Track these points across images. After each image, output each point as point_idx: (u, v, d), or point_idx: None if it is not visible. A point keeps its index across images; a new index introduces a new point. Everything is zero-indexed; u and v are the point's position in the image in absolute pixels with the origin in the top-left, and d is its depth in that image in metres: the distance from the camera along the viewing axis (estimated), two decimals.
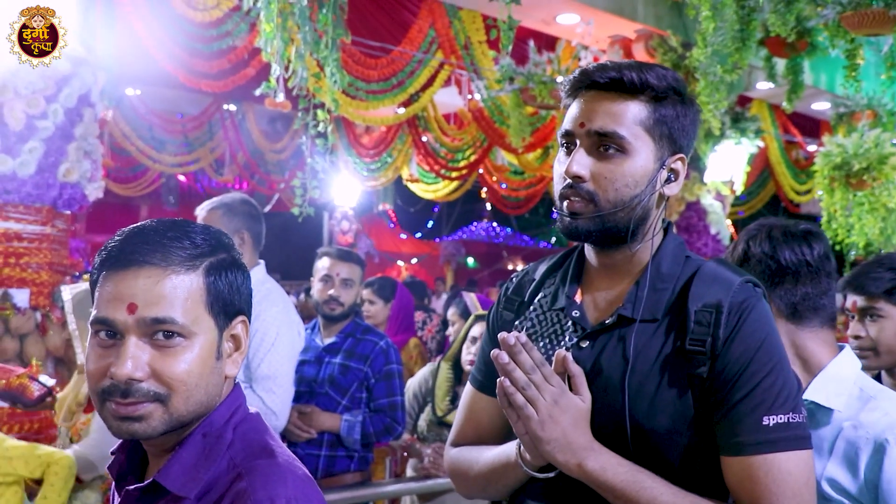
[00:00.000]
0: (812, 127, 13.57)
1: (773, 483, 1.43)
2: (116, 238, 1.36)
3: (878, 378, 2.65)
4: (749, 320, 1.50)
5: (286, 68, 5.75)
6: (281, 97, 5.98)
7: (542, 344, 1.67)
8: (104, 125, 9.82)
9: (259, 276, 3.61)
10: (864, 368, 2.62)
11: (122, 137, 12.16)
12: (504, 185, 15.19)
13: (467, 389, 1.82)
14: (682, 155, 1.62)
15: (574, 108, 1.60)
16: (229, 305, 1.39)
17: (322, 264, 4.08)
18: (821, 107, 12.08)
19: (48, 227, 5.17)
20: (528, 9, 8.09)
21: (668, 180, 1.61)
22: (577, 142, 1.57)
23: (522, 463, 1.57)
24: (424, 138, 12.20)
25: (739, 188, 9.96)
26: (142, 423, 1.29)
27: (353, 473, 3.96)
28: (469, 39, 8.76)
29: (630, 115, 1.55)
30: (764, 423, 1.45)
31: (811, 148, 13.09)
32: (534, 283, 1.78)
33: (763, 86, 10.41)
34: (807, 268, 2.01)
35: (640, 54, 9.08)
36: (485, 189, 16.13)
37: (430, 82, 9.25)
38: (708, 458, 1.51)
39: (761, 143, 10.27)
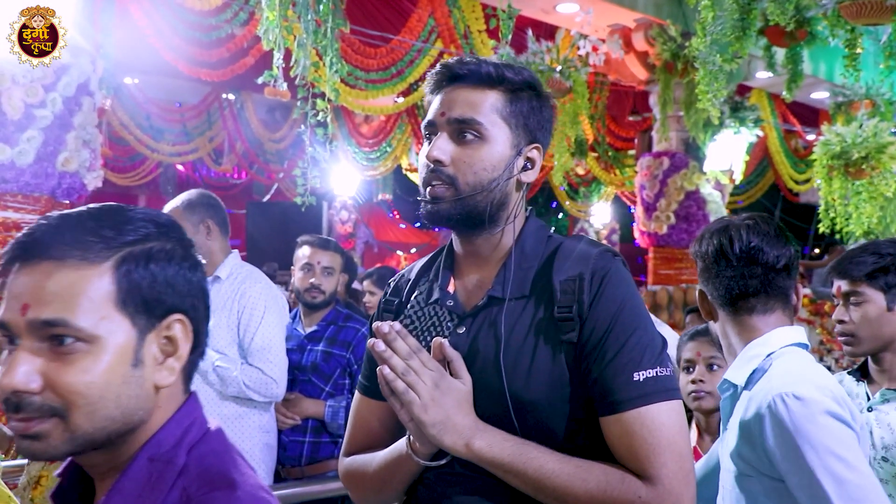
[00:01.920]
0: (811, 116, 13.57)
1: (650, 434, 1.48)
2: (30, 226, 1.17)
3: (864, 365, 2.67)
4: (609, 285, 1.57)
5: (287, 58, 5.75)
6: (284, 86, 5.99)
7: (423, 338, 1.69)
8: (102, 114, 9.80)
9: (236, 260, 3.81)
10: (849, 355, 2.64)
11: (121, 126, 12.16)
12: None
13: (356, 397, 1.84)
14: (537, 145, 1.70)
15: (436, 101, 1.69)
16: (154, 303, 1.18)
17: (303, 252, 4.12)
18: (820, 96, 12.07)
19: None
20: None
21: (525, 168, 1.68)
22: (439, 131, 1.65)
23: (414, 453, 1.61)
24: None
25: (738, 177, 9.96)
26: (40, 441, 1.11)
27: (338, 459, 3.99)
28: (468, 28, 8.74)
29: (488, 104, 1.64)
30: (635, 378, 1.51)
31: (810, 137, 13.09)
32: (410, 283, 1.84)
33: (762, 75, 10.40)
34: (703, 261, 2.07)
35: (639, 43, 9.07)
36: None
37: (429, 71, 9.23)
38: (590, 424, 1.56)
39: (760, 133, 10.27)
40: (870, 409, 2.54)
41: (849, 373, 2.72)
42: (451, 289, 1.72)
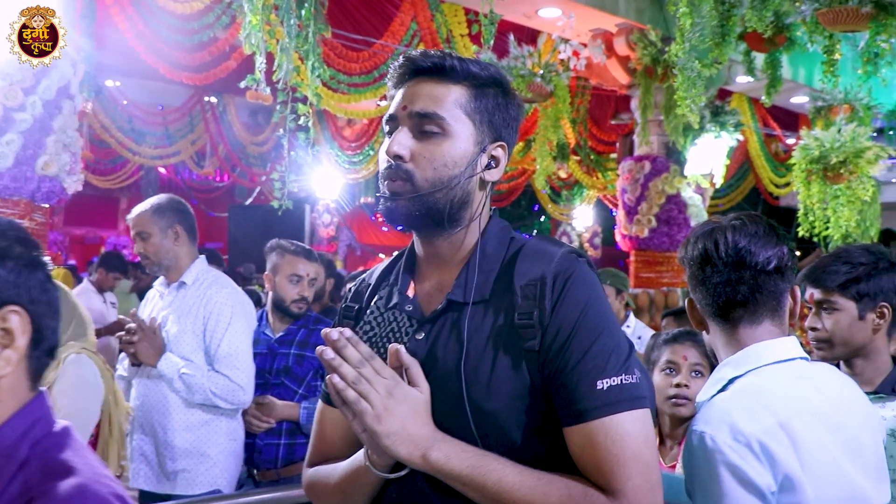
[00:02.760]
0: (791, 120, 13.66)
1: (613, 445, 1.42)
2: None
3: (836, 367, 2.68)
4: (571, 288, 1.50)
5: (270, 61, 5.75)
6: (267, 90, 5.99)
7: (382, 345, 1.62)
8: (83, 117, 9.77)
9: (202, 266, 3.80)
10: (821, 360, 2.58)
11: (102, 129, 12.12)
12: None
13: (319, 406, 1.80)
14: (502, 143, 1.64)
15: (399, 94, 1.62)
16: None
17: (289, 262, 4.09)
18: (800, 100, 12.15)
19: (26, 221, 5.15)
20: (510, 2, 8.12)
21: (488, 166, 1.62)
22: (400, 125, 1.59)
23: (372, 465, 1.53)
24: None
25: (719, 181, 10.00)
26: None
27: None
28: (451, 33, 8.76)
29: (451, 99, 1.58)
30: (598, 387, 1.44)
31: (790, 141, 13.18)
32: (370, 288, 1.77)
33: (742, 79, 10.46)
34: (690, 267, 1.97)
35: (620, 48, 9.11)
36: None
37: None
38: (554, 434, 1.49)
39: (741, 137, 10.32)
40: None
41: None
42: (410, 293, 1.66)
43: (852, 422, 1.82)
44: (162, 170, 16.67)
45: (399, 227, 1.62)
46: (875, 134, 10.10)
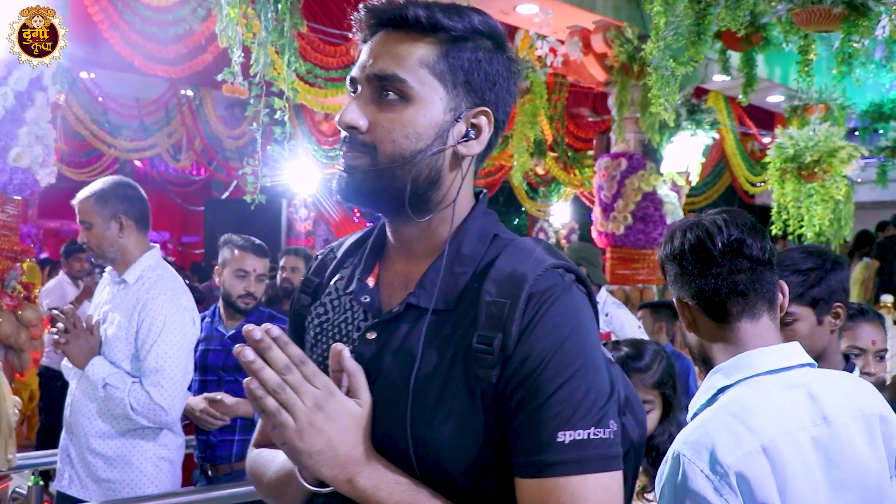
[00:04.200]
0: (767, 119, 13.74)
1: None
2: None
3: None
4: (550, 313, 1.25)
5: (247, 54, 5.73)
6: (245, 84, 5.96)
7: (333, 336, 1.43)
8: (57, 109, 9.68)
9: (151, 261, 3.49)
10: None
11: (77, 122, 12.01)
12: None
13: None
14: (485, 108, 1.37)
15: (363, 52, 1.37)
16: None
17: (236, 257, 4.04)
18: (775, 99, 12.22)
19: None
20: None
21: (466, 137, 1.36)
22: (360, 89, 1.36)
23: (299, 475, 1.34)
24: None
25: (695, 179, 10.06)
26: None
27: None
28: None
29: (415, 57, 1.31)
30: (559, 439, 1.20)
31: (766, 140, 13.26)
32: (335, 262, 1.54)
33: (719, 78, 10.51)
34: (679, 263, 1.86)
35: (598, 45, 9.12)
36: None
37: None
38: (504, 479, 1.27)
39: (717, 135, 10.38)
40: None
41: None
42: (371, 281, 1.43)
43: (847, 435, 1.72)
44: (138, 163, 16.55)
45: (356, 207, 1.39)
46: (849, 134, 10.19)
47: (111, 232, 3.41)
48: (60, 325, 3.32)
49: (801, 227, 8.06)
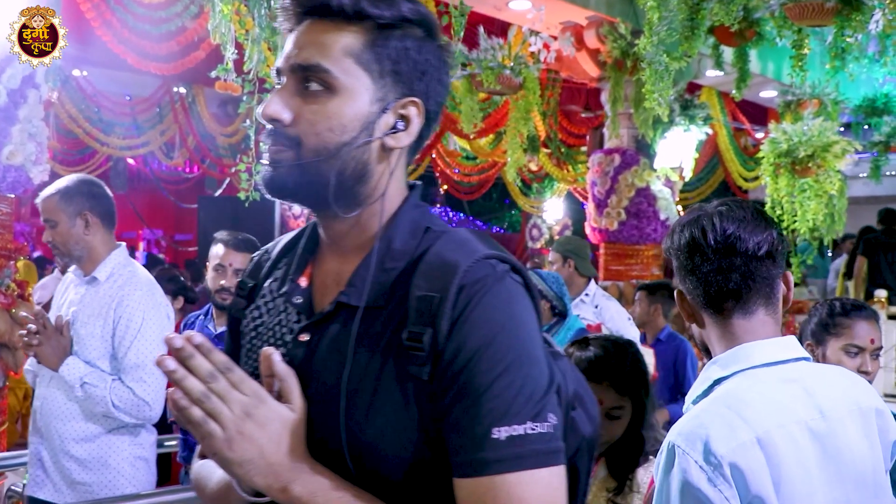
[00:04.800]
0: (760, 114, 13.75)
1: None
2: None
3: None
4: (479, 305, 1.20)
5: (240, 51, 5.72)
6: (238, 81, 5.95)
7: (267, 340, 1.39)
8: (49, 107, 9.66)
9: (120, 258, 3.45)
10: None
11: (69, 119, 11.98)
12: (457, 171, 15.21)
13: None
14: (414, 99, 1.32)
15: (287, 44, 1.32)
16: None
17: (216, 252, 4.00)
18: (769, 95, 12.24)
19: None
20: None
21: (395, 129, 1.31)
22: (285, 80, 1.31)
23: (237, 486, 1.29)
24: None
25: (688, 174, 10.07)
26: None
27: None
28: None
29: (340, 46, 1.27)
30: (494, 435, 1.15)
31: (759, 135, 13.27)
32: (270, 263, 1.50)
33: (712, 73, 10.51)
34: (677, 257, 1.86)
35: (591, 41, 9.13)
36: (437, 174, 16.16)
37: None
38: (445, 480, 1.21)
39: (710, 130, 10.38)
40: None
41: None
42: (303, 281, 1.38)
43: (843, 429, 1.71)
44: (131, 161, 16.52)
45: (281, 202, 1.34)
46: (842, 128, 10.21)
47: (77, 229, 3.35)
48: (32, 326, 3.26)
49: (795, 222, 8.07)
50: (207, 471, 1.42)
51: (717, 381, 1.78)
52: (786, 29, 6.79)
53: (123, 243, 3.53)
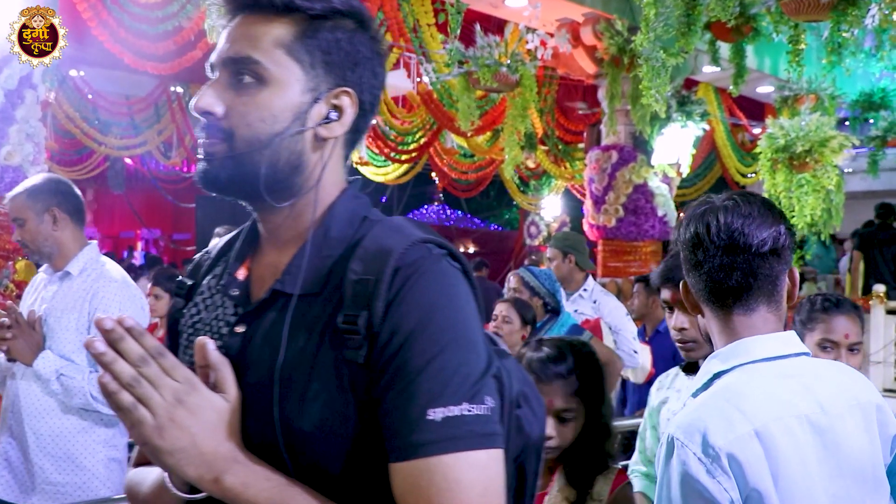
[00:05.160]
0: (757, 110, 13.77)
1: (438, 495, 1.12)
2: None
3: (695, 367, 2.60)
4: (414, 286, 1.19)
5: None
6: None
7: (204, 333, 1.36)
8: (47, 107, 9.67)
9: (91, 254, 3.43)
10: (689, 359, 2.56)
11: (66, 120, 11.98)
12: (454, 168, 15.22)
13: None
14: (347, 89, 1.31)
15: (220, 39, 1.32)
16: None
17: (213, 244, 4.01)
18: (765, 90, 12.25)
19: None
20: None
21: (328, 119, 1.30)
22: (217, 73, 1.31)
23: (168, 482, 1.24)
24: (374, 121, 12.16)
25: (686, 171, 10.09)
26: None
27: None
28: (418, 22, 8.75)
29: (270, 38, 1.27)
30: (429, 417, 1.13)
31: (756, 131, 13.29)
32: (210, 261, 1.49)
33: (709, 69, 10.53)
34: (683, 250, 1.85)
35: (587, 38, 9.14)
36: (435, 172, 16.17)
37: None
38: (385, 477, 1.18)
39: (707, 126, 10.40)
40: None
41: (682, 367, 2.68)
42: (241, 274, 1.37)
43: (843, 424, 1.70)
44: (128, 161, 16.52)
45: (217, 195, 1.31)
46: (839, 123, 10.23)
47: (45, 226, 3.34)
48: (5, 320, 3.22)
49: (793, 217, 8.08)
50: (141, 477, 1.39)
51: (717, 375, 1.79)
52: (782, 24, 6.80)
53: (95, 241, 3.54)
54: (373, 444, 1.18)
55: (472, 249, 23.95)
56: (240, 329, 1.29)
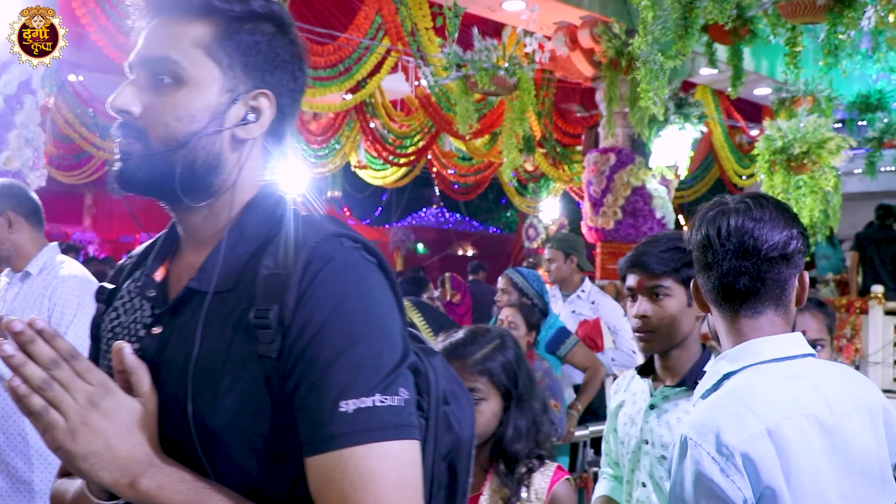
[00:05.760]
0: (754, 112, 13.78)
1: (352, 487, 1.10)
2: None
3: (650, 361, 2.60)
4: (325, 279, 1.18)
5: None
6: None
7: (122, 337, 1.33)
8: (46, 112, 9.67)
9: (51, 254, 3.46)
10: (644, 352, 2.55)
11: (65, 124, 11.98)
12: (452, 171, 15.23)
13: None
14: (265, 91, 1.32)
15: (140, 40, 1.31)
16: None
17: None
18: (763, 92, 12.26)
19: None
20: None
21: (245, 121, 1.30)
22: (135, 73, 1.30)
23: (87, 490, 1.23)
24: (372, 125, 12.20)
25: (684, 173, 10.09)
26: None
27: None
28: (415, 26, 8.78)
29: (189, 38, 1.27)
30: (341, 409, 1.11)
31: (754, 133, 13.30)
32: (130, 266, 1.46)
33: (706, 71, 10.55)
34: (694, 251, 1.87)
35: (585, 41, 9.16)
36: (433, 175, 16.19)
37: (377, 69, 9.26)
38: (300, 466, 1.17)
39: (705, 129, 10.41)
40: (652, 407, 2.50)
41: (637, 370, 2.65)
42: (158, 275, 1.36)
43: (850, 424, 1.72)
44: None
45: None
46: (836, 125, 10.24)
47: (1, 230, 3.36)
48: None
49: None
50: (65, 487, 1.35)
51: (727, 376, 1.80)
52: (779, 26, 6.81)
53: (55, 242, 3.54)
54: (292, 442, 1.16)
55: (470, 252, 23.97)
56: (156, 330, 1.28)
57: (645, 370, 2.61)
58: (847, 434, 1.71)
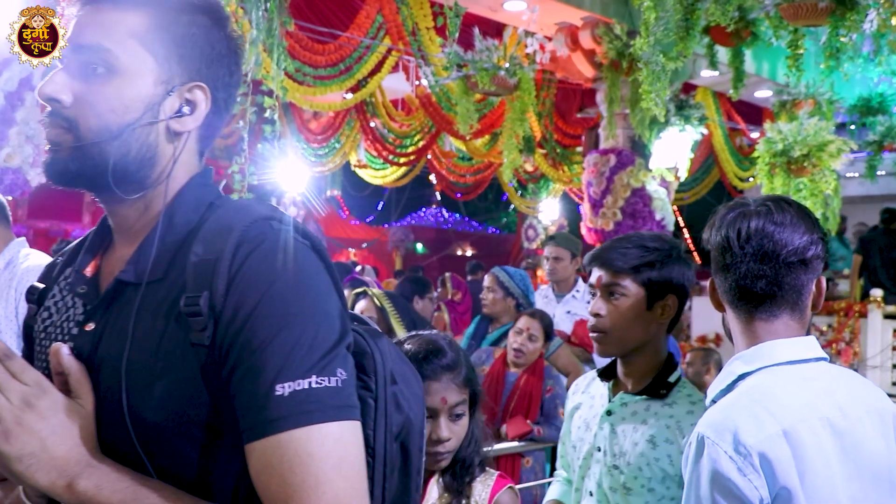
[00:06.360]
0: (755, 114, 13.78)
1: (291, 471, 1.08)
2: None
3: (613, 364, 2.51)
4: (255, 261, 1.16)
5: None
6: None
7: (55, 336, 1.30)
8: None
9: (19, 248, 3.49)
10: (599, 354, 2.46)
11: None
12: (452, 172, 15.23)
13: None
14: (201, 84, 1.29)
15: (72, 25, 1.28)
16: None
17: None
18: (763, 95, 12.26)
19: None
20: None
21: (180, 113, 1.27)
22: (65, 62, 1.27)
23: (23, 495, 1.22)
24: (372, 124, 12.19)
25: (684, 175, 10.08)
26: None
27: None
28: (416, 25, 8.77)
29: (124, 28, 1.23)
30: (277, 392, 1.09)
31: (754, 135, 13.30)
32: (62, 263, 1.42)
33: (707, 73, 10.54)
34: (712, 251, 1.86)
35: (586, 41, 9.14)
36: (433, 175, 16.18)
37: (377, 68, 9.25)
38: (243, 457, 1.14)
39: (705, 131, 10.41)
40: (609, 413, 2.42)
41: (598, 373, 2.56)
42: (89, 270, 1.31)
43: (861, 428, 1.73)
44: None
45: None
46: (837, 128, 10.23)
47: None
48: None
49: None
50: (2, 496, 1.33)
51: (741, 377, 1.81)
52: (781, 29, 6.81)
53: (23, 238, 3.57)
54: (233, 432, 1.14)
55: (469, 252, 23.97)
56: (89, 327, 1.25)
57: (606, 374, 2.53)
58: (858, 438, 1.72)
